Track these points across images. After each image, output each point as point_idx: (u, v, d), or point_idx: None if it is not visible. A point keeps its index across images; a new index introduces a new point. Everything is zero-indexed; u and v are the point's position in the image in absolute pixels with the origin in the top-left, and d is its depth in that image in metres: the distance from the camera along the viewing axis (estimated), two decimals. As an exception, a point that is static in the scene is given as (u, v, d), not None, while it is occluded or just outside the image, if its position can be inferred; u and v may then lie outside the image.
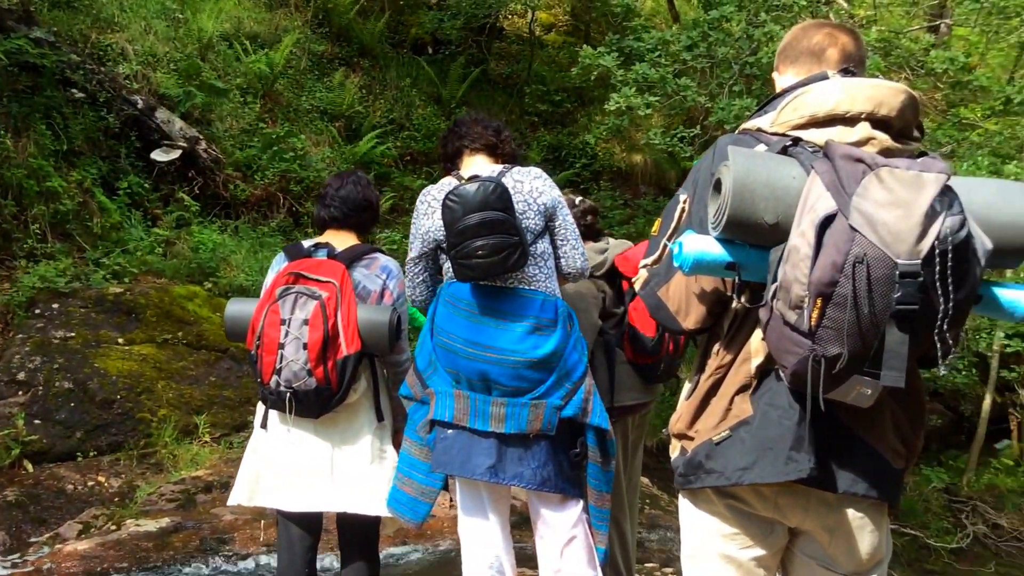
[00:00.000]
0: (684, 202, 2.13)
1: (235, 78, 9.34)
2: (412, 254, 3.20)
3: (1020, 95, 8.54)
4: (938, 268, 1.67)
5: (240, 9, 10.47)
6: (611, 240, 3.94)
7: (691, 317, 2.10)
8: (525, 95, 12.21)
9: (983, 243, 1.76)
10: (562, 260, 3.19)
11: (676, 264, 1.95)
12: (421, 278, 3.21)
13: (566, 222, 3.18)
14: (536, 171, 3.17)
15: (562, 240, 3.18)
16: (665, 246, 2.14)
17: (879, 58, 8.25)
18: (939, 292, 1.68)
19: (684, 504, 2.21)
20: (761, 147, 1.99)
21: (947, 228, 1.68)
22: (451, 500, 3.22)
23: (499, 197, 2.90)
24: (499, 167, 3.19)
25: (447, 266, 3.11)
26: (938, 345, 1.71)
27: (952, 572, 8.69)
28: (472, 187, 2.90)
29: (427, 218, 3.13)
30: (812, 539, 2.09)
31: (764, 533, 2.09)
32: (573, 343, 3.06)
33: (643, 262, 2.23)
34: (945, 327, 1.70)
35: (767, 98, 2.20)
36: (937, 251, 1.67)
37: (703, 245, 1.91)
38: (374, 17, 11.70)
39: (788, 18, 8.41)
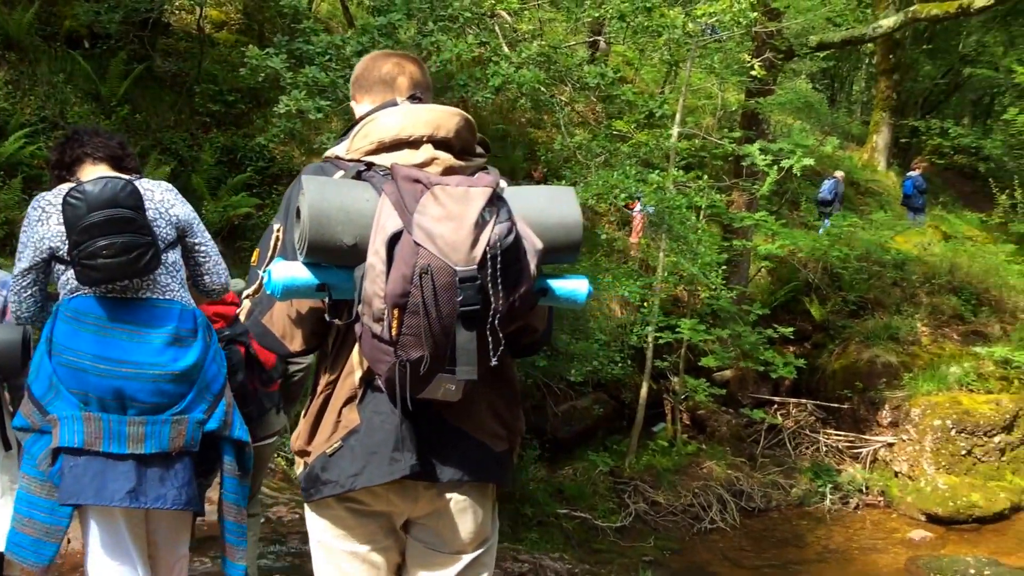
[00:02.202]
0: (278, 231, 2.21)
1: None
2: (22, 265, 2.96)
3: (661, 109, 9.36)
4: (490, 271, 1.87)
5: None
6: None
7: (296, 340, 2.18)
8: (196, 94, 11.71)
9: (533, 244, 1.99)
10: (206, 276, 3.13)
11: (268, 291, 2.03)
12: (29, 292, 2.98)
13: (204, 237, 3.11)
14: (166, 184, 3.09)
15: (204, 256, 3.11)
16: (261, 276, 2.20)
17: (540, 72, 8.66)
18: (491, 292, 1.87)
19: (309, 515, 2.29)
20: (339, 173, 2.12)
21: (496, 235, 1.89)
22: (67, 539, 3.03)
23: (129, 195, 2.79)
24: (125, 176, 3.02)
25: (64, 278, 2.91)
26: (489, 339, 1.91)
27: (617, 549, 9.32)
28: (98, 184, 2.76)
29: (41, 225, 2.91)
30: (423, 526, 2.23)
31: (383, 528, 2.22)
32: (212, 354, 3.00)
33: (245, 292, 2.29)
34: (497, 323, 1.90)
35: (347, 127, 2.32)
36: (489, 256, 1.87)
37: (291, 271, 2.00)
38: (21, 7, 10.74)
39: (455, 29, 8.64)
